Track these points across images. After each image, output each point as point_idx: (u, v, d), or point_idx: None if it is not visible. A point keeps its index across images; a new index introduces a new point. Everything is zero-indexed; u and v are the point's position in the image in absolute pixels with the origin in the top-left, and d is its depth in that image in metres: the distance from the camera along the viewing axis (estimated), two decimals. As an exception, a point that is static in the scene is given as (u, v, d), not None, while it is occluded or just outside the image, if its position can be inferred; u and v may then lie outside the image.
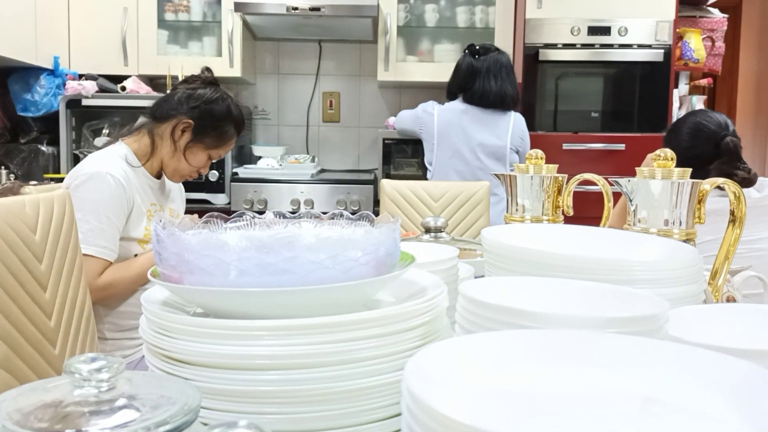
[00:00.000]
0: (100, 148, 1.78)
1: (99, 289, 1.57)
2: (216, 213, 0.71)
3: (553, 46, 2.95)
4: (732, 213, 0.99)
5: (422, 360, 0.44)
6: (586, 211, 1.51)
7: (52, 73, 3.01)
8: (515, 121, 2.69)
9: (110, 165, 1.64)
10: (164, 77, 3.03)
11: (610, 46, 2.94)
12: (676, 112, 3.09)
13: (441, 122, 2.69)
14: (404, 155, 3.18)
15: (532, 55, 2.97)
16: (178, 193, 1.93)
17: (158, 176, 1.80)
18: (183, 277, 0.59)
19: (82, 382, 0.48)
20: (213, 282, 0.59)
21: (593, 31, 2.94)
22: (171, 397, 0.50)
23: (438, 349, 0.46)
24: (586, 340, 0.48)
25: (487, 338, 0.48)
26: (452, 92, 2.75)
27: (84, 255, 1.51)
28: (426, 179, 2.73)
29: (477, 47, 2.72)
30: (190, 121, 1.71)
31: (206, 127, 1.73)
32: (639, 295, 0.61)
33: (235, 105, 1.79)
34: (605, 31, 2.94)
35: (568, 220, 1.20)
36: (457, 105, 2.70)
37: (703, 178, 1.04)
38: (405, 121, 2.86)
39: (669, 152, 0.98)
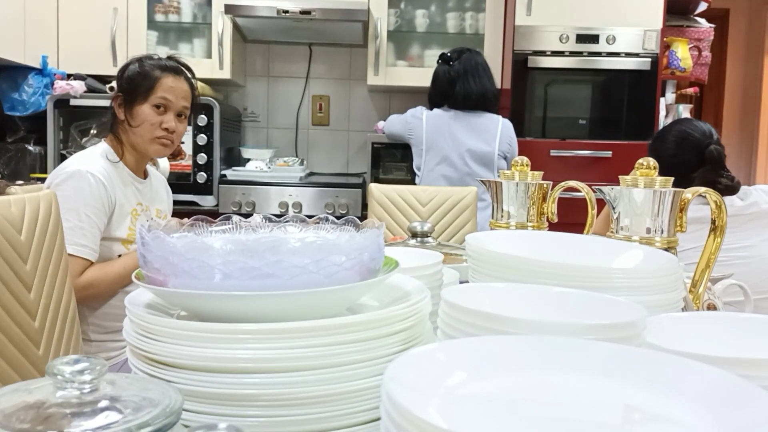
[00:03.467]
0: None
1: (79, 289, 1.56)
2: (202, 216, 0.72)
3: (542, 53, 2.98)
4: (713, 222, 1.00)
5: (402, 365, 0.44)
6: (573, 217, 1.52)
7: (41, 72, 2.99)
8: (503, 126, 2.70)
9: (91, 164, 1.64)
10: (153, 78, 3.03)
11: (598, 53, 2.97)
12: (663, 120, 3.12)
13: (430, 127, 2.71)
14: (393, 159, 3.19)
15: (521, 61, 2.99)
16: (164, 194, 1.92)
17: (144, 176, 1.80)
18: (167, 280, 0.59)
19: (65, 384, 0.48)
20: (197, 285, 0.59)
21: (582, 38, 2.96)
22: (153, 400, 0.50)
23: (418, 354, 0.47)
24: (565, 346, 0.49)
25: (467, 344, 0.49)
26: (435, 101, 2.76)
27: None
28: (414, 184, 2.74)
29: (448, 53, 2.75)
30: (119, 93, 1.73)
31: (130, 88, 1.73)
32: (618, 302, 0.62)
33: (145, 56, 1.78)
34: (593, 39, 2.96)
35: (555, 226, 1.21)
36: (445, 111, 2.71)
37: (687, 186, 1.05)
38: (394, 125, 2.88)
39: (651, 161, 0.99)
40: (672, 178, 1.01)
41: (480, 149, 2.67)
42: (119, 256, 1.67)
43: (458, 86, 2.67)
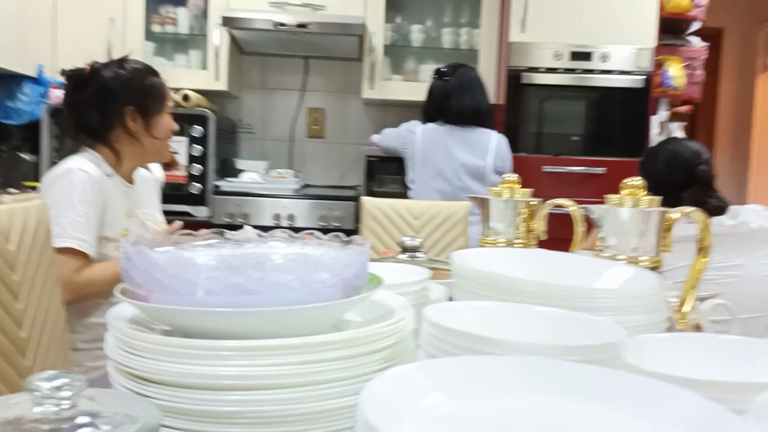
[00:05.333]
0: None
1: (77, 287, 1.54)
2: (187, 231, 0.72)
3: (536, 69, 3.00)
4: (699, 242, 1.01)
5: (378, 385, 0.45)
6: (566, 233, 1.53)
7: (36, 81, 3.00)
8: (497, 141, 2.72)
9: (82, 163, 1.64)
10: (149, 89, 3.03)
11: (591, 71, 2.99)
12: (656, 138, 3.14)
13: (424, 141, 2.72)
14: (388, 172, 3.20)
15: (515, 77, 3.01)
16: (148, 197, 1.92)
17: (131, 181, 1.80)
18: (150, 295, 0.60)
19: (43, 400, 0.48)
20: (180, 301, 0.59)
21: (575, 56, 2.99)
22: (132, 416, 0.50)
23: (395, 374, 0.47)
24: (543, 368, 0.49)
25: (446, 364, 0.50)
26: (429, 116, 2.77)
27: (61, 250, 1.50)
28: (407, 197, 2.75)
29: (444, 68, 2.76)
30: (132, 106, 1.71)
31: (145, 98, 1.72)
32: (599, 322, 0.62)
33: (134, 61, 1.78)
34: (587, 56, 2.99)
35: (547, 241, 1.21)
36: (440, 125, 2.72)
37: (677, 205, 1.06)
38: (388, 139, 2.89)
39: (638, 180, 1.00)
40: (659, 198, 1.02)
41: (473, 164, 2.68)
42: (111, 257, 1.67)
43: (453, 101, 2.69)
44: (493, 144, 2.71)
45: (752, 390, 0.52)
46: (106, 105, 1.70)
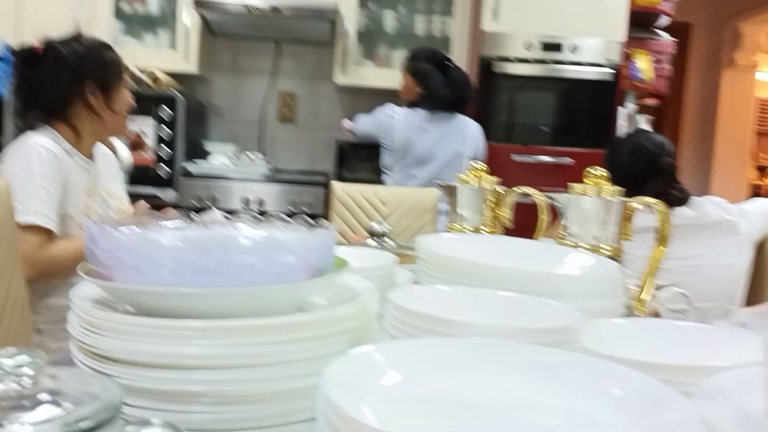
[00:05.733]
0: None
1: (40, 264, 1.52)
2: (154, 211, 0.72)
3: (508, 59, 3.02)
4: (658, 231, 1.03)
5: (339, 365, 0.45)
6: (532, 221, 1.56)
7: (2, 59, 2.92)
8: (472, 128, 2.73)
9: (40, 139, 1.62)
10: (117, 68, 2.98)
11: (561, 62, 3.02)
12: (624, 130, 3.19)
13: (405, 127, 2.69)
14: (359, 159, 3.20)
15: (487, 66, 3.02)
16: (110, 175, 1.89)
17: (91, 157, 1.78)
18: (114, 274, 0.59)
19: (4, 377, 0.48)
20: (144, 281, 0.59)
21: (546, 47, 3.01)
22: (94, 394, 0.50)
23: (356, 354, 0.48)
24: (499, 349, 0.51)
25: (405, 345, 0.51)
26: (416, 101, 2.73)
27: (24, 227, 1.48)
28: (380, 183, 2.75)
29: (439, 54, 2.75)
30: (92, 81, 1.69)
31: (104, 72, 1.70)
32: (557, 307, 0.64)
33: (88, 37, 1.76)
34: (558, 47, 3.01)
35: (515, 230, 1.23)
36: (420, 111, 2.70)
37: (640, 196, 1.09)
38: (364, 124, 2.85)
39: (601, 170, 1.02)
40: (622, 188, 1.04)
41: (453, 151, 2.69)
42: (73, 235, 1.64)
43: (452, 88, 2.68)
44: (470, 132, 2.72)
45: (703, 373, 0.54)
46: (64, 81, 1.67)
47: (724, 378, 0.50)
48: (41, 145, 1.59)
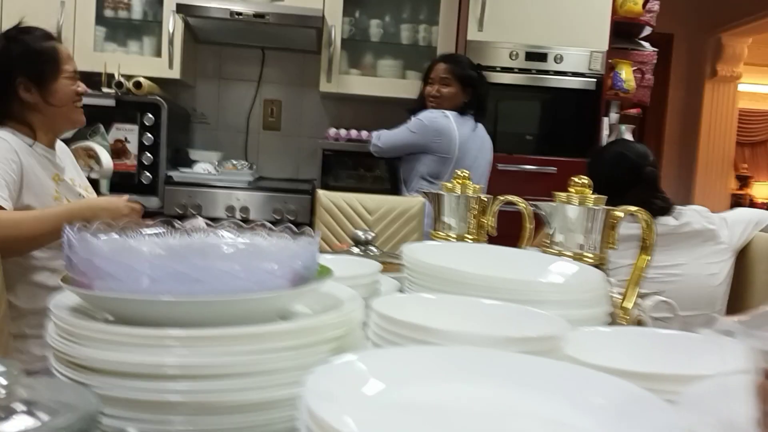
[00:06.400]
0: None
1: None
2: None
3: (493, 68, 3.03)
4: (642, 240, 1.04)
5: (322, 374, 0.45)
6: (516, 230, 1.56)
7: (-19, 63, 2.89)
8: (489, 139, 2.73)
9: (1, 133, 1.60)
10: (100, 74, 2.96)
11: (546, 72, 3.04)
12: (606, 139, 3.22)
13: (462, 134, 2.59)
14: (344, 167, 3.19)
15: (471, 75, 3.03)
16: (73, 167, 1.87)
17: (53, 148, 1.75)
18: (93, 283, 0.58)
19: (-23, 388, 0.47)
20: (123, 289, 0.58)
21: (531, 56, 3.03)
22: (70, 404, 0.49)
23: (338, 363, 0.47)
24: (483, 358, 0.50)
25: (388, 354, 0.50)
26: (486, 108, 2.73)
27: None
28: (366, 191, 2.71)
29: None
30: (22, 77, 1.65)
31: (35, 66, 1.66)
32: (541, 315, 0.64)
33: (23, 28, 1.73)
34: (542, 57, 3.03)
35: (498, 238, 1.23)
36: (467, 119, 2.65)
37: (622, 205, 1.09)
38: (401, 134, 2.65)
39: (585, 179, 1.02)
40: (605, 197, 1.05)
41: (485, 160, 2.70)
42: None
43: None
44: (489, 142, 2.72)
45: (687, 381, 0.54)
46: None
47: (708, 386, 0.50)
48: (1, 137, 1.58)
